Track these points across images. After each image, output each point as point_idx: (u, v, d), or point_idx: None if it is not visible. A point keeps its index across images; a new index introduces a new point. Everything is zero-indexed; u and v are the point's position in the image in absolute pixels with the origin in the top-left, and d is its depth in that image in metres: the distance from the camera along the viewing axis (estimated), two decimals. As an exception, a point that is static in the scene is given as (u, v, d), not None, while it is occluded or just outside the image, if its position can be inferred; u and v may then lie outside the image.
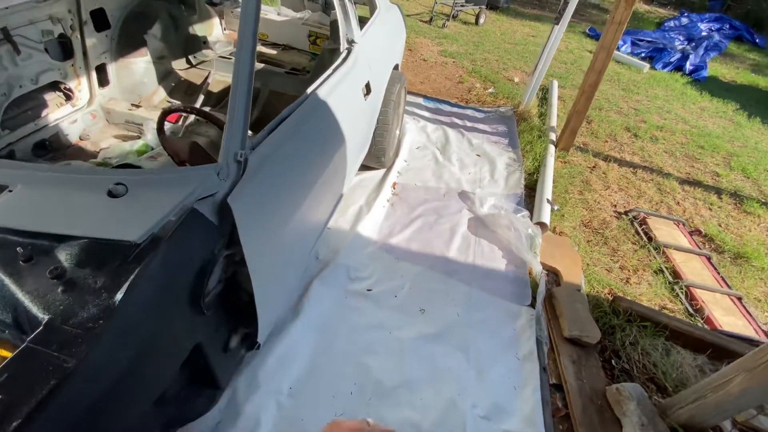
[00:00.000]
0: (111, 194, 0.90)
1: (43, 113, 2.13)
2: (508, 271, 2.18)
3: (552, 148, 3.24)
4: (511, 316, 1.92)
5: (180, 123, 2.36)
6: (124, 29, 2.39)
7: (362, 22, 2.33)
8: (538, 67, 3.64)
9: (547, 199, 2.55)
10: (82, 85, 2.29)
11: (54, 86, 2.15)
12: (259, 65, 2.68)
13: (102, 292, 0.76)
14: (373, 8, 2.51)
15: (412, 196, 2.65)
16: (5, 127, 1.92)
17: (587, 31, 7.54)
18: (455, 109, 3.88)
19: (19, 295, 0.75)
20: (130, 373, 0.80)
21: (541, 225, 2.37)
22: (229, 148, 1.06)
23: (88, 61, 2.25)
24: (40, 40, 1.97)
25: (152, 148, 2.21)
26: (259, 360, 1.55)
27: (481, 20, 6.64)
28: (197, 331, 0.99)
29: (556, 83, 4.55)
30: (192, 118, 2.34)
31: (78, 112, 2.30)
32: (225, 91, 2.67)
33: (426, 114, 3.71)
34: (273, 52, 2.96)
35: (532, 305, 1.98)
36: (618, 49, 6.38)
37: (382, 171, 2.77)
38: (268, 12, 3.03)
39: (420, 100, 3.94)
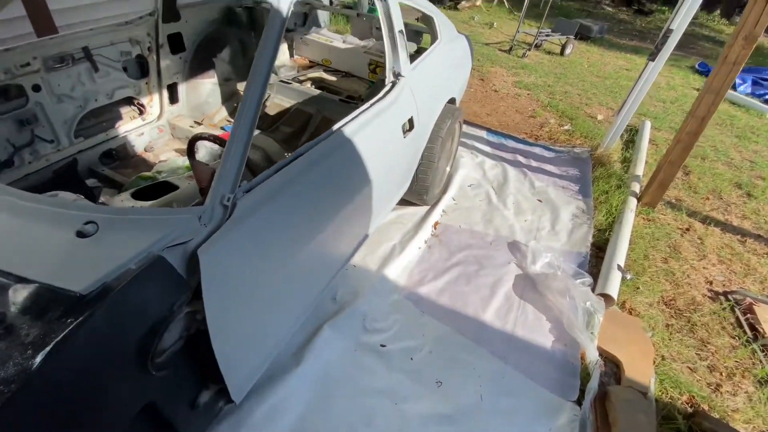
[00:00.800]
0: (80, 234, 0.85)
1: (115, 125, 2.32)
2: (555, 350, 1.82)
3: (633, 202, 2.76)
4: (548, 411, 1.56)
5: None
6: (197, 53, 2.55)
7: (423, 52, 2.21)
8: (625, 106, 3.18)
9: (618, 265, 2.13)
10: (153, 102, 2.47)
11: (128, 101, 2.35)
12: (315, 91, 2.69)
13: (28, 349, 0.69)
14: (433, 38, 2.38)
15: (453, 240, 2.40)
16: (78, 135, 2.11)
17: (697, 66, 6.62)
18: (521, 146, 3.55)
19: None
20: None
21: (606, 297, 1.96)
22: (218, 190, 0.97)
23: (161, 80, 2.42)
24: (118, 60, 2.16)
25: (200, 166, 2.28)
26: (246, 410, 1.42)
27: (568, 51, 6.17)
28: (147, 391, 0.89)
29: (648, 124, 3.98)
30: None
31: (146, 126, 2.48)
32: (280, 115, 2.72)
33: (487, 149, 3.44)
34: (333, 78, 2.97)
35: (579, 402, 1.60)
36: (735, 88, 5.48)
37: (424, 208, 2.57)
38: (334, 39, 3.06)
39: (483, 134, 3.69)
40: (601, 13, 10.65)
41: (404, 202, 2.50)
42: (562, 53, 6.18)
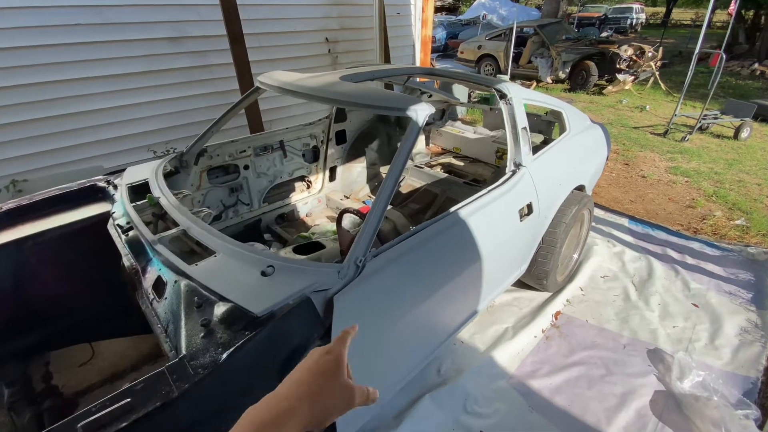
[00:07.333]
0: (263, 273, 1.20)
1: (289, 195, 3.04)
2: (706, 497, 1.43)
3: None
4: None
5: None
6: (354, 143, 3.21)
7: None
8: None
9: (812, 408, 1.60)
10: (318, 179, 3.16)
11: (300, 178, 3.06)
12: (442, 175, 3.02)
13: (219, 348, 1.01)
14: (562, 129, 2.47)
15: (577, 335, 2.20)
16: (265, 201, 2.84)
17: None
18: (674, 239, 3.11)
19: (183, 330, 1.08)
20: (219, 414, 0.97)
21: (789, 447, 1.49)
22: (354, 252, 1.24)
23: (326, 164, 3.11)
24: (300, 149, 2.90)
25: (343, 232, 2.75)
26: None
27: (744, 134, 5.29)
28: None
29: None
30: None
31: (310, 197, 3.15)
32: (411, 193, 3.10)
33: (628, 238, 3.13)
34: (461, 164, 3.27)
35: None
36: None
37: (545, 295, 2.45)
38: (465, 131, 3.42)
39: (624, 222, 3.38)
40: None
41: (522, 285, 2.46)
42: (735, 137, 5.32)
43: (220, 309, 1.11)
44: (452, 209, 1.59)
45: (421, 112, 1.45)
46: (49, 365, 1.95)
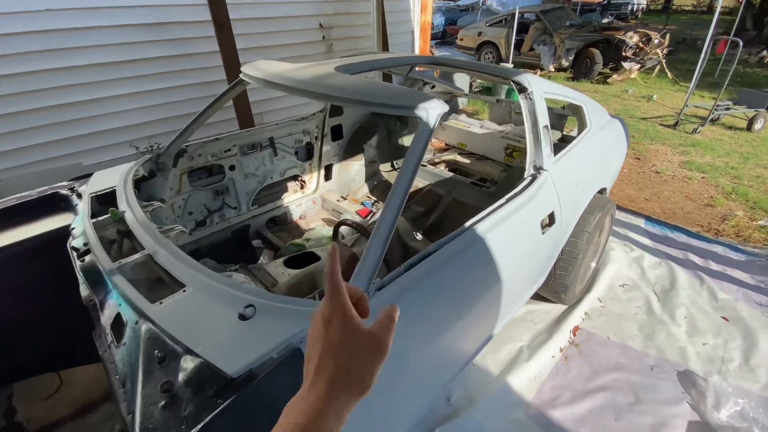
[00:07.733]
0: (241, 316, 0.98)
1: (281, 197, 2.79)
2: None
3: None
4: None
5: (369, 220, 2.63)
6: (351, 139, 2.95)
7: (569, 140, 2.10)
8: None
9: None
10: (312, 179, 2.91)
11: (293, 178, 2.81)
12: (447, 174, 2.78)
13: (182, 425, 0.78)
14: (582, 126, 2.24)
15: (599, 354, 2.00)
16: (254, 204, 2.60)
17: None
18: (695, 242, 2.90)
19: (139, 396, 0.86)
20: None
21: None
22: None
23: (321, 162, 2.86)
24: (292, 146, 2.64)
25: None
26: None
27: (758, 126, 5.06)
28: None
29: None
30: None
31: (304, 198, 2.91)
32: (413, 194, 2.85)
33: (646, 241, 2.92)
34: (467, 161, 3.03)
35: None
36: None
37: (560, 307, 2.25)
38: (471, 125, 3.18)
39: (640, 222, 3.17)
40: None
41: (536, 296, 2.25)
42: (749, 129, 5.10)
43: (186, 365, 0.88)
44: (467, 225, 1.36)
45: (432, 111, 1.21)
46: (12, 398, 1.74)
